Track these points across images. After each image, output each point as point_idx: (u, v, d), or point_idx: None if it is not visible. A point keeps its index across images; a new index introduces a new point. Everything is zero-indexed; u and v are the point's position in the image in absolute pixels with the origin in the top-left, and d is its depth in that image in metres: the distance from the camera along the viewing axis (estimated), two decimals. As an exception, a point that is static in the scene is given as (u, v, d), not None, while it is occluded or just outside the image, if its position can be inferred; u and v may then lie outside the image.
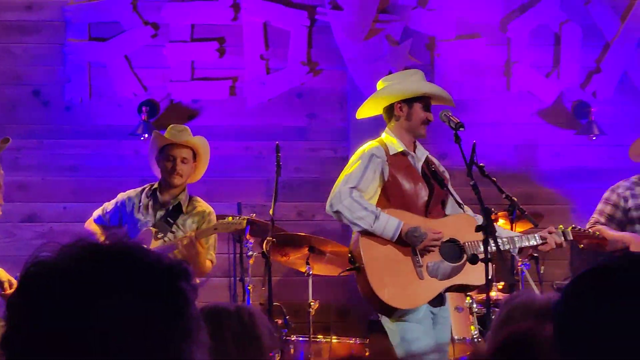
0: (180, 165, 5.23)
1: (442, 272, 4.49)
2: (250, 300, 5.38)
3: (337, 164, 6.59)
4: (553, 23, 6.80)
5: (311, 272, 5.47)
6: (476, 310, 5.32)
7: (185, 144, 5.27)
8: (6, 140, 4.98)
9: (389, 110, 4.69)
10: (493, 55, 6.76)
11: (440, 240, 4.44)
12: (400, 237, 4.39)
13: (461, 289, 4.68)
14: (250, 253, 5.33)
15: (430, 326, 4.52)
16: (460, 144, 4.27)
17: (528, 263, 5.56)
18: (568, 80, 6.78)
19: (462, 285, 4.58)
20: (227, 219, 5.15)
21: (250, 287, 5.39)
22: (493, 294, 5.54)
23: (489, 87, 6.75)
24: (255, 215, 5.51)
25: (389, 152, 4.58)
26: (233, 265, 5.55)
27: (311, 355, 5.32)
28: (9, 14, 6.46)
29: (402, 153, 4.62)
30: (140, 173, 5.99)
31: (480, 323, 5.32)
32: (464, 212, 4.68)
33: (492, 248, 4.01)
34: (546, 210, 6.23)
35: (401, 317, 4.46)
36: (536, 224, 4.52)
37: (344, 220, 4.45)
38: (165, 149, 5.26)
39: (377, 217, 4.38)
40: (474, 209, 4.67)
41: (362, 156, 4.55)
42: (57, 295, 1.24)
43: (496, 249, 3.99)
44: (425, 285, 4.48)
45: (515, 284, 5.29)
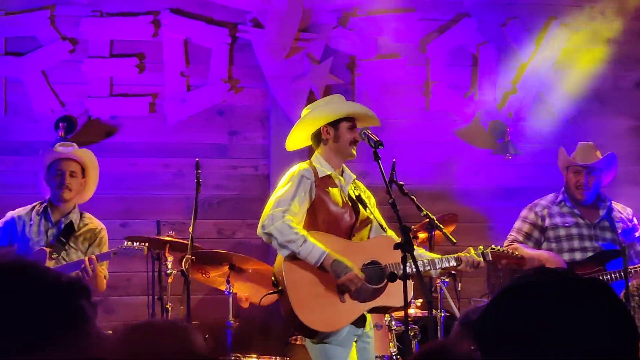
0: (69, 179, 5.40)
1: (364, 295, 4.53)
2: (169, 320, 5.32)
3: (258, 181, 6.59)
4: (471, 44, 6.94)
5: (231, 291, 5.45)
6: (395, 328, 5.36)
7: (71, 156, 5.43)
8: None
9: (317, 136, 4.76)
10: (412, 75, 6.86)
11: (360, 283, 4.48)
12: (322, 265, 4.43)
13: (383, 310, 4.73)
14: (169, 271, 5.27)
15: (352, 348, 4.56)
16: (380, 162, 4.30)
17: (446, 280, 5.64)
18: (485, 101, 6.92)
19: (384, 306, 4.63)
20: (127, 244, 5.22)
21: (168, 306, 5.34)
22: (412, 311, 5.60)
23: (408, 107, 6.85)
24: (174, 233, 5.46)
25: (317, 175, 4.64)
26: (152, 284, 5.47)
27: (231, 373, 5.28)
28: None
29: (330, 176, 4.67)
30: (57, 190, 5.88)
31: (398, 340, 5.36)
32: (386, 235, 4.72)
33: (412, 268, 4.04)
34: (464, 228, 6.32)
35: (323, 339, 4.50)
36: (454, 242, 4.57)
37: (273, 243, 4.47)
38: (54, 164, 5.43)
39: (305, 242, 4.42)
40: (393, 227, 4.71)
41: (293, 178, 4.60)
42: None
43: (415, 267, 4.02)
44: (347, 308, 4.52)
45: (433, 301, 5.34)
